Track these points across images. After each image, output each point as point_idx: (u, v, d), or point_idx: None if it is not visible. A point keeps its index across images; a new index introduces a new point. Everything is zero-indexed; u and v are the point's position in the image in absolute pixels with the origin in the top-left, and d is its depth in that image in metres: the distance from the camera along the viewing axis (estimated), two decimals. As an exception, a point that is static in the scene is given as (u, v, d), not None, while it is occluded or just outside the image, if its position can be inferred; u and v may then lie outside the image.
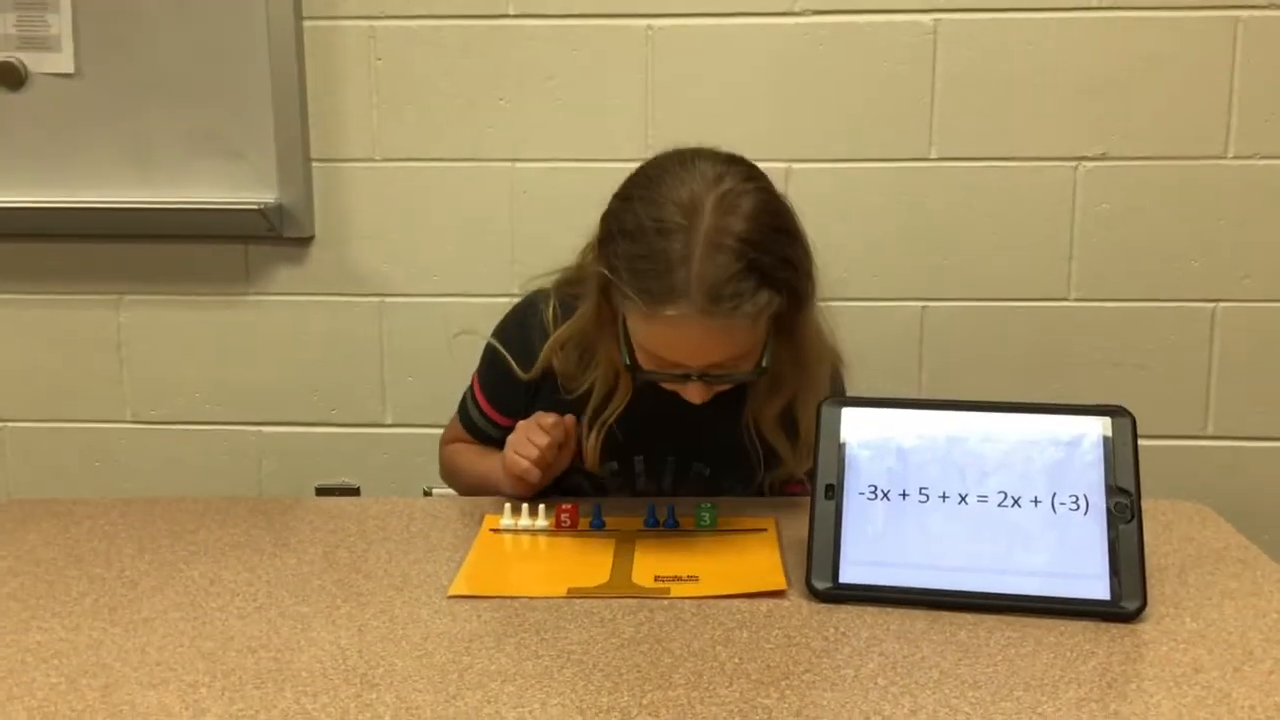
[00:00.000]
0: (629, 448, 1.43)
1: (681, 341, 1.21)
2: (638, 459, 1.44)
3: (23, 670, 0.95)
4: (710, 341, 1.21)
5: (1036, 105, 1.97)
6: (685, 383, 1.26)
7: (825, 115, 2.00)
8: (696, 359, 1.23)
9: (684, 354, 1.23)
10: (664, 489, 1.45)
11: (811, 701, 0.89)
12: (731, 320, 1.18)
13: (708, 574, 1.15)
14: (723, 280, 1.16)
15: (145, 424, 2.15)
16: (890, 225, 2.02)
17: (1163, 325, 2.02)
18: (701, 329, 1.18)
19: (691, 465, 1.44)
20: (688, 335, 1.20)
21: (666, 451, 1.44)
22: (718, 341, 1.21)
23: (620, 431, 1.39)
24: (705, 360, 1.23)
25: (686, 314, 1.17)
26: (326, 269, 2.09)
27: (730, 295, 1.16)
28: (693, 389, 1.26)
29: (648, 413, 1.38)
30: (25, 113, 2.04)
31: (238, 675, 0.94)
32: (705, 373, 1.24)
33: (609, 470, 1.44)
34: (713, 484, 1.44)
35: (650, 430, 1.41)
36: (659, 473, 1.45)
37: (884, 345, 2.05)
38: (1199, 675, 0.94)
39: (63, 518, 1.34)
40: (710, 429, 1.39)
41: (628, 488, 1.45)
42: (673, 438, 1.42)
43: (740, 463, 1.41)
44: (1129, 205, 1.99)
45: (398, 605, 1.08)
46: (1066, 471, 1.10)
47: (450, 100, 2.03)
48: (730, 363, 1.24)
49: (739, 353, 1.24)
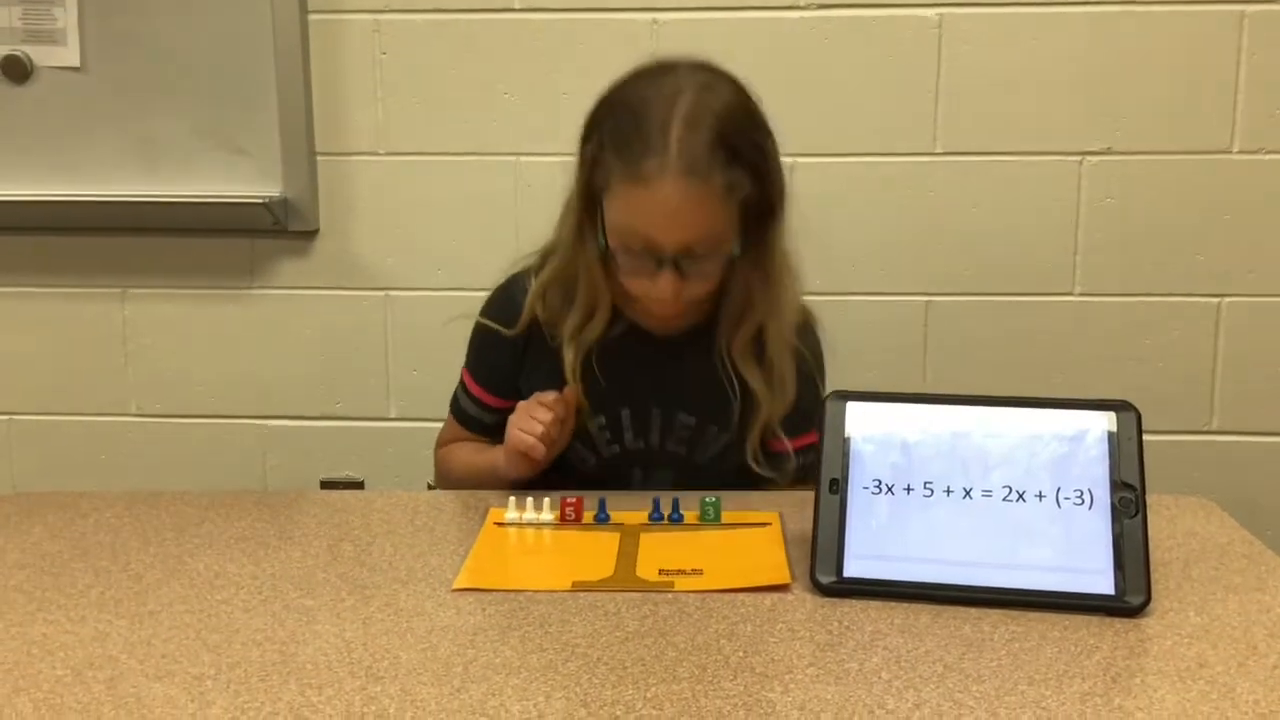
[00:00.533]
0: (615, 402, 1.47)
1: (657, 208, 1.28)
2: (624, 412, 1.47)
3: (28, 663, 0.95)
4: (683, 212, 1.28)
5: (1041, 100, 1.97)
6: (658, 273, 1.32)
7: (830, 110, 1.99)
8: (670, 234, 1.29)
9: (659, 226, 1.29)
10: (650, 442, 1.48)
11: (815, 696, 0.89)
12: (704, 190, 1.28)
13: (712, 568, 1.15)
14: (698, 150, 1.27)
15: (150, 417, 2.16)
16: (894, 220, 2.02)
17: (1167, 320, 2.02)
18: (676, 196, 1.27)
19: (676, 416, 1.47)
20: (663, 202, 1.28)
21: (651, 404, 1.47)
22: (690, 214, 1.29)
23: (606, 386, 1.45)
24: (678, 237, 1.29)
25: (662, 179, 1.27)
26: (331, 262, 2.09)
27: (705, 164, 1.27)
28: (665, 281, 1.32)
29: (632, 367, 1.45)
30: (30, 106, 2.04)
31: (243, 668, 0.94)
32: (678, 258, 1.30)
33: (597, 425, 1.46)
34: (697, 433, 1.47)
35: (635, 384, 1.46)
36: (645, 426, 1.47)
37: (888, 340, 2.05)
38: (1203, 670, 0.94)
39: (68, 510, 1.34)
40: (692, 380, 1.45)
41: (616, 442, 1.48)
42: (657, 390, 1.47)
43: (722, 411, 1.45)
44: (1134, 200, 1.99)
45: (402, 599, 1.08)
46: (1071, 466, 1.10)
47: (455, 94, 2.03)
48: (701, 246, 1.31)
49: (709, 233, 1.31)
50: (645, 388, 1.47)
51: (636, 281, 1.36)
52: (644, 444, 1.48)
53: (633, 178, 1.29)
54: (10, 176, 2.07)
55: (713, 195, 1.29)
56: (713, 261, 1.34)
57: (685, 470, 1.48)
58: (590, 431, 1.47)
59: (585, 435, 1.47)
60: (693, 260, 1.32)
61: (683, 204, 1.28)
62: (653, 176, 1.27)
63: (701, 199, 1.29)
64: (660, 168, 1.27)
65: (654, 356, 1.46)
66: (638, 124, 1.30)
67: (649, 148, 1.28)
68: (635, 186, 1.29)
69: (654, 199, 1.28)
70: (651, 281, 1.33)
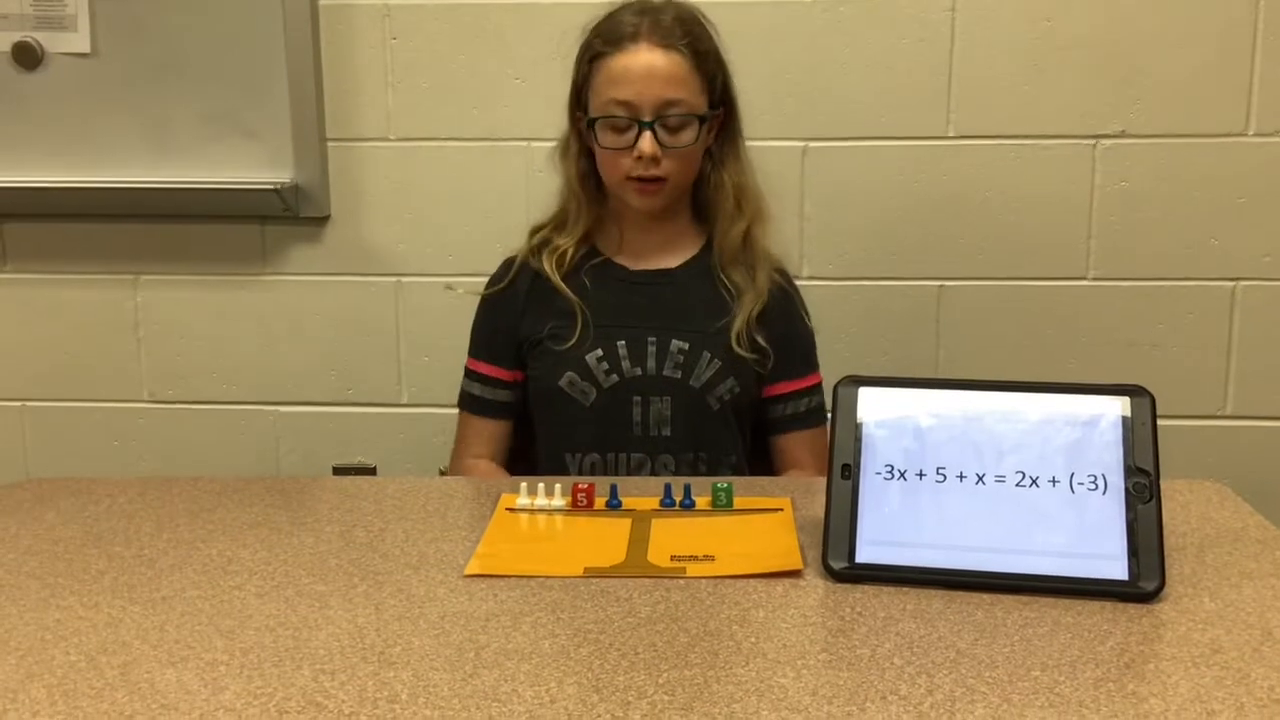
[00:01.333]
0: (611, 334, 1.57)
1: (635, 68, 1.50)
2: (620, 343, 1.56)
3: (42, 648, 0.96)
4: (657, 69, 1.50)
5: (1055, 82, 1.96)
6: (639, 135, 1.50)
7: (842, 93, 1.99)
8: (647, 88, 1.50)
9: (636, 84, 1.50)
10: (647, 369, 1.56)
11: (828, 681, 0.89)
12: (674, 52, 1.51)
13: (724, 554, 1.15)
14: (667, 23, 1.52)
15: (163, 404, 2.17)
16: (907, 204, 2.01)
17: (1182, 304, 2.01)
18: (650, 56, 1.50)
19: (670, 342, 1.57)
20: (640, 62, 1.50)
21: (645, 332, 1.57)
22: (662, 73, 1.50)
23: (600, 319, 1.57)
24: (654, 91, 1.50)
25: (637, 43, 1.51)
26: (342, 249, 2.09)
27: (673, 33, 1.52)
28: (646, 141, 1.50)
29: (624, 298, 1.59)
30: (41, 92, 2.04)
31: (256, 654, 0.94)
32: (655, 118, 1.50)
33: (595, 357, 1.55)
34: (691, 358, 1.56)
35: (628, 314, 1.58)
36: (641, 354, 1.55)
37: (900, 325, 2.05)
38: (1217, 656, 0.93)
39: (81, 496, 1.34)
40: (684, 307, 1.58)
41: (615, 372, 1.55)
42: (650, 318, 1.59)
43: (713, 336, 1.57)
44: (1148, 183, 1.98)
45: (414, 584, 1.08)
46: (1085, 451, 1.10)
47: (465, 79, 2.03)
48: (674, 109, 1.51)
49: (681, 93, 1.51)
50: (639, 317, 1.59)
51: (618, 158, 1.53)
52: (641, 371, 1.55)
53: (613, 47, 1.52)
54: (22, 163, 2.07)
55: (681, 58, 1.51)
56: (687, 129, 1.52)
57: (682, 396, 1.55)
58: (589, 365, 1.55)
59: (585, 369, 1.55)
60: (668, 129, 1.51)
61: (656, 61, 1.50)
62: (628, 39, 1.51)
63: (672, 59, 1.51)
64: (634, 35, 1.51)
65: (645, 291, 1.60)
66: (614, 17, 1.55)
67: (624, 24, 1.53)
68: (615, 55, 1.52)
69: (632, 60, 1.51)
70: (633, 149, 1.50)
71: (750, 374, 1.59)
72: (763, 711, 0.84)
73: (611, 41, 1.52)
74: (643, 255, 1.61)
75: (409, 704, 0.86)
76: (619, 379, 1.56)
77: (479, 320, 1.66)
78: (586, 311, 1.57)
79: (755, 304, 1.58)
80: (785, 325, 1.61)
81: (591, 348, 1.56)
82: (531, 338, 1.59)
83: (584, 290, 1.59)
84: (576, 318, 1.56)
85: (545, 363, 1.58)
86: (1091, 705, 0.85)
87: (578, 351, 1.56)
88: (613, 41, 1.52)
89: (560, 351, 1.56)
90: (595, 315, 1.58)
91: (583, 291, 1.59)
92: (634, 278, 1.62)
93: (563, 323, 1.57)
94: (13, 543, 1.20)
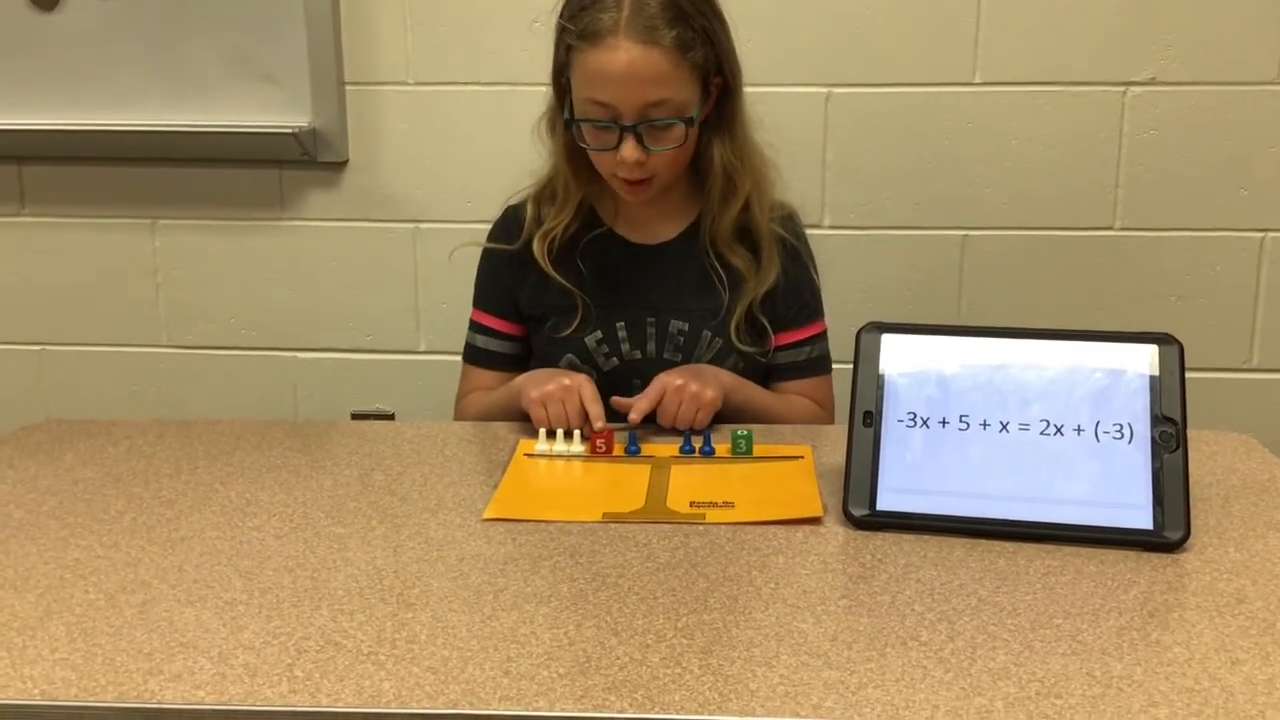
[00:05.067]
0: (610, 315, 1.51)
1: (612, 67, 1.34)
2: (619, 325, 1.50)
3: (61, 586, 0.96)
4: (638, 68, 1.34)
5: (1083, 28, 1.92)
6: (621, 140, 1.37)
7: (866, 38, 1.95)
8: (626, 92, 1.35)
9: (615, 85, 1.35)
10: (646, 351, 1.51)
11: (848, 626, 0.88)
12: (656, 47, 1.34)
13: (743, 500, 1.14)
14: (649, 13, 1.34)
15: (182, 348, 2.17)
16: (932, 152, 1.98)
17: (1209, 255, 1.99)
18: (629, 53, 1.33)
19: (670, 323, 1.50)
20: (618, 60, 1.33)
21: (644, 313, 1.51)
22: (643, 73, 1.34)
23: (600, 299, 1.50)
24: (635, 94, 1.35)
25: (615, 36, 1.33)
26: (361, 194, 2.08)
27: (656, 20, 1.34)
28: (627, 148, 1.37)
29: (623, 278, 1.51)
30: (59, 34, 2.03)
31: (275, 594, 0.94)
32: (638, 126, 1.36)
33: (594, 340, 1.50)
34: (691, 339, 1.50)
35: (627, 295, 1.51)
36: (641, 336, 1.51)
37: (923, 275, 2.03)
38: (1242, 605, 0.92)
39: (100, 438, 1.35)
40: (683, 286, 1.51)
41: (614, 355, 1.50)
42: (649, 299, 1.51)
43: (713, 315, 1.50)
44: (1177, 132, 1.95)
45: (433, 528, 1.08)
46: (1111, 400, 1.08)
47: (483, 23, 2.00)
48: (658, 111, 1.36)
49: (665, 94, 1.36)
50: (638, 298, 1.51)
51: (602, 156, 1.41)
52: (641, 354, 1.51)
53: (588, 38, 1.35)
54: (39, 105, 2.06)
55: (666, 53, 1.34)
56: (673, 131, 1.38)
57: None
58: (589, 347, 1.50)
59: (584, 352, 1.50)
60: (653, 130, 1.37)
61: (636, 60, 1.34)
62: (606, 34, 1.34)
63: (654, 57, 1.34)
64: (613, 24, 1.34)
65: (644, 266, 1.52)
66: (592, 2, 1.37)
67: (602, 14, 1.35)
68: (591, 49, 1.35)
69: (610, 60, 1.34)
70: (615, 153, 1.38)
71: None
72: (782, 655, 0.84)
73: (587, 36, 1.35)
74: (641, 225, 1.53)
75: (427, 644, 0.85)
76: (618, 362, 1.51)
77: (482, 272, 1.60)
78: (585, 295, 1.50)
79: (758, 289, 1.49)
80: (790, 276, 1.53)
81: (591, 330, 1.50)
82: (531, 311, 1.54)
83: (581, 268, 1.50)
84: (575, 298, 1.50)
85: (544, 343, 1.53)
86: (1114, 653, 0.84)
87: (577, 334, 1.50)
88: (588, 36, 1.35)
89: (559, 336, 1.51)
90: (594, 295, 1.50)
91: (580, 270, 1.50)
92: (632, 251, 1.52)
93: (561, 301, 1.50)
94: (32, 483, 1.21)
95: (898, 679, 0.81)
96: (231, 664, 0.83)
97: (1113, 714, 0.76)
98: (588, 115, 1.38)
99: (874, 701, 0.78)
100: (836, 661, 0.83)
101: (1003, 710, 0.77)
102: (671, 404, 1.34)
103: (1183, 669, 0.82)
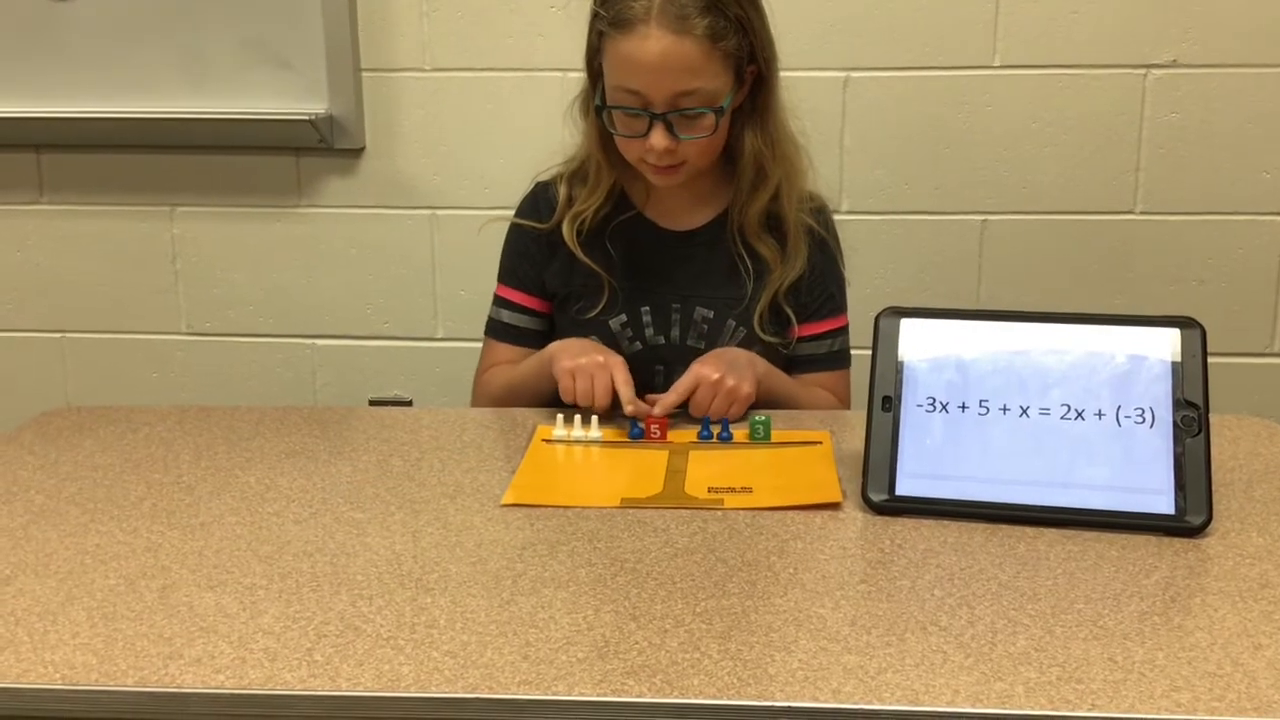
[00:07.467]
0: (635, 300, 1.50)
1: (643, 55, 1.33)
2: (644, 309, 1.50)
3: (81, 572, 0.96)
4: (669, 58, 1.33)
5: (1104, 11, 1.91)
6: (651, 128, 1.36)
7: (885, 21, 1.94)
8: (657, 81, 1.34)
9: (645, 74, 1.34)
10: (670, 338, 1.50)
11: (867, 611, 0.88)
12: (688, 35, 1.32)
13: (761, 486, 1.14)
14: (680, 1, 1.33)
15: (200, 335, 2.17)
16: (951, 136, 1.97)
17: (1231, 239, 1.97)
18: (660, 41, 1.32)
19: (695, 310, 1.50)
20: (648, 49, 1.33)
21: (670, 300, 1.50)
22: (675, 62, 1.33)
23: (626, 281, 1.49)
24: (665, 84, 1.34)
25: (646, 24, 1.32)
26: (378, 181, 2.08)
27: (687, 8, 1.32)
28: (657, 136, 1.36)
29: (650, 263, 1.50)
30: (75, 22, 2.03)
31: (294, 579, 0.94)
32: (668, 115, 1.35)
33: (619, 323, 1.50)
34: (715, 327, 1.49)
35: (653, 280, 1.50)
36: (665, 321, 1.50)
37: (942, 260, 2.02)
38: (1265, 590, 0.92)
39: (119, 424, 1.35)
40: (710, 274, 1.50)
41: (638, 339, 1.50)
42: (675, 285, 1.50)
43: (739, 304, 1.49)
44: (1199, 115, 1.93)
45: (451, 513, 1.08)
46: (1132, 384, 1.07)
47: (501, 8, 2.00)
48: (688, 100, 1.35)
49: (695, 83, 1.35)
50: (664, 283, 1.50)
51: (632, 143, 1.40)
52: (664, 340, 1.50)
53: (619, 25, 1.34)
54: (56, 93, 2.06)
55: (697, 41, 1.33)
56: (704, 120, 1.37)
57: None
58: (613, 331, 1.50)
59: (608, 335, 1.49)
60: (683, 119, 1.36)
61: (667, 49, 1.33)
62: (637, 22, 1.33)
63: (686, 45, 1.33)
64: (644, 12, 1.33)
65: (672, 252, 1.51)
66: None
67: (633, 2, 1.34)
68: (621, 36, 1.34)
69: (639, 46, 1.33)
70: (645, 141, 1.37)
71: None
72: (801, 640, 0.84)
73: (618, 23, 1.34)
74: (671, 211, 1.52)
75: (446, 629, 0.86)
76: (642, 347, 1.50)
77: (509, 246, 1.58)
78: (611, 278, 1.49)
79: (784, 279, 1.48)
80: (816, 268, 1.52)
81: (616, 313, 1.50)
82: (556, 291, 1.54)
83: (610, 251, 1.50)
84: (602, 281, 1.49)
85: (568, 324, 1.53)
86: (1136, 638, 0.84)
87: (602, 316, 1.50)
88: (619, 23, 1.34)
89: (584, 318, 1.50)
90: (620, 278, 1.50)
91: (608, 253, 1.50)
92: (661, 237, 1.51)
93: (588, 282, 1.50)
94: (52, 469, 1.21)
95: (917, 664, 0.80)
96: (251, 648, 0.83)
97: (1134, 699, 0.76)
98: (618, 102, 1.38)
99: (893, 686, 0.78)
100: (855, 646, 0.83)
101: (1023, 695, 0.76)
102: (705, 398, 1.32)
103: (1205, 654, 0.82)
